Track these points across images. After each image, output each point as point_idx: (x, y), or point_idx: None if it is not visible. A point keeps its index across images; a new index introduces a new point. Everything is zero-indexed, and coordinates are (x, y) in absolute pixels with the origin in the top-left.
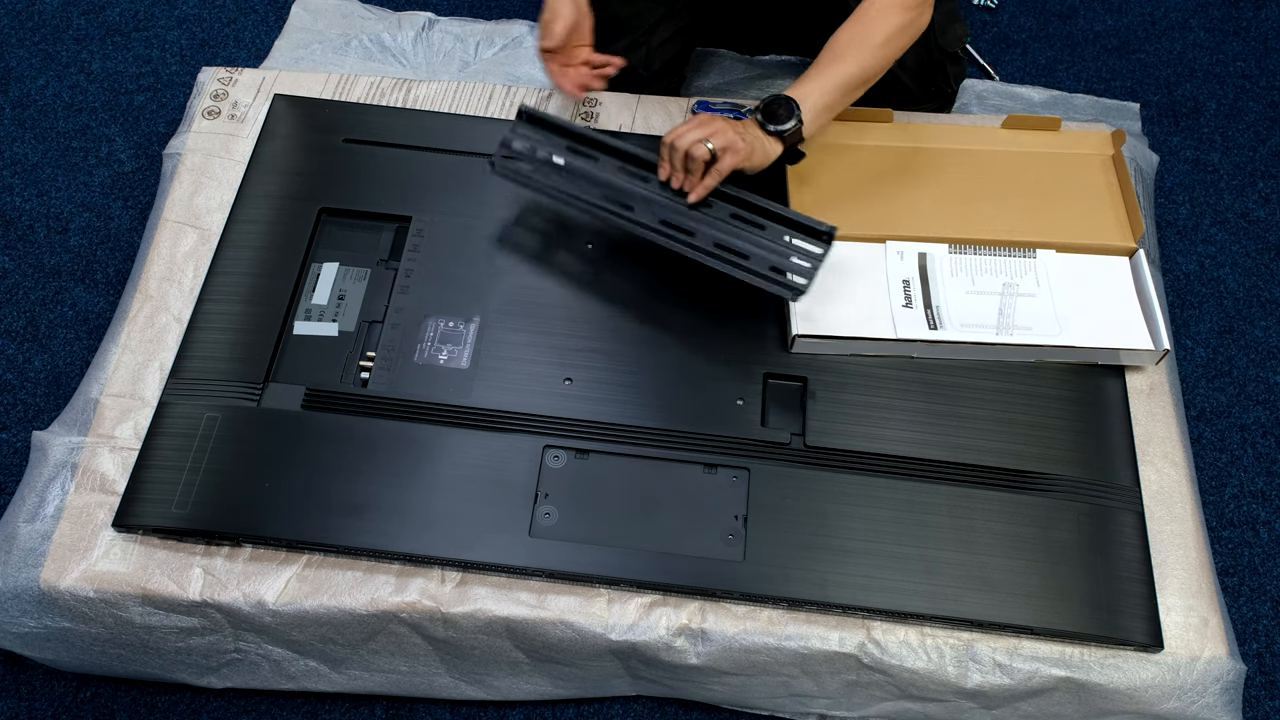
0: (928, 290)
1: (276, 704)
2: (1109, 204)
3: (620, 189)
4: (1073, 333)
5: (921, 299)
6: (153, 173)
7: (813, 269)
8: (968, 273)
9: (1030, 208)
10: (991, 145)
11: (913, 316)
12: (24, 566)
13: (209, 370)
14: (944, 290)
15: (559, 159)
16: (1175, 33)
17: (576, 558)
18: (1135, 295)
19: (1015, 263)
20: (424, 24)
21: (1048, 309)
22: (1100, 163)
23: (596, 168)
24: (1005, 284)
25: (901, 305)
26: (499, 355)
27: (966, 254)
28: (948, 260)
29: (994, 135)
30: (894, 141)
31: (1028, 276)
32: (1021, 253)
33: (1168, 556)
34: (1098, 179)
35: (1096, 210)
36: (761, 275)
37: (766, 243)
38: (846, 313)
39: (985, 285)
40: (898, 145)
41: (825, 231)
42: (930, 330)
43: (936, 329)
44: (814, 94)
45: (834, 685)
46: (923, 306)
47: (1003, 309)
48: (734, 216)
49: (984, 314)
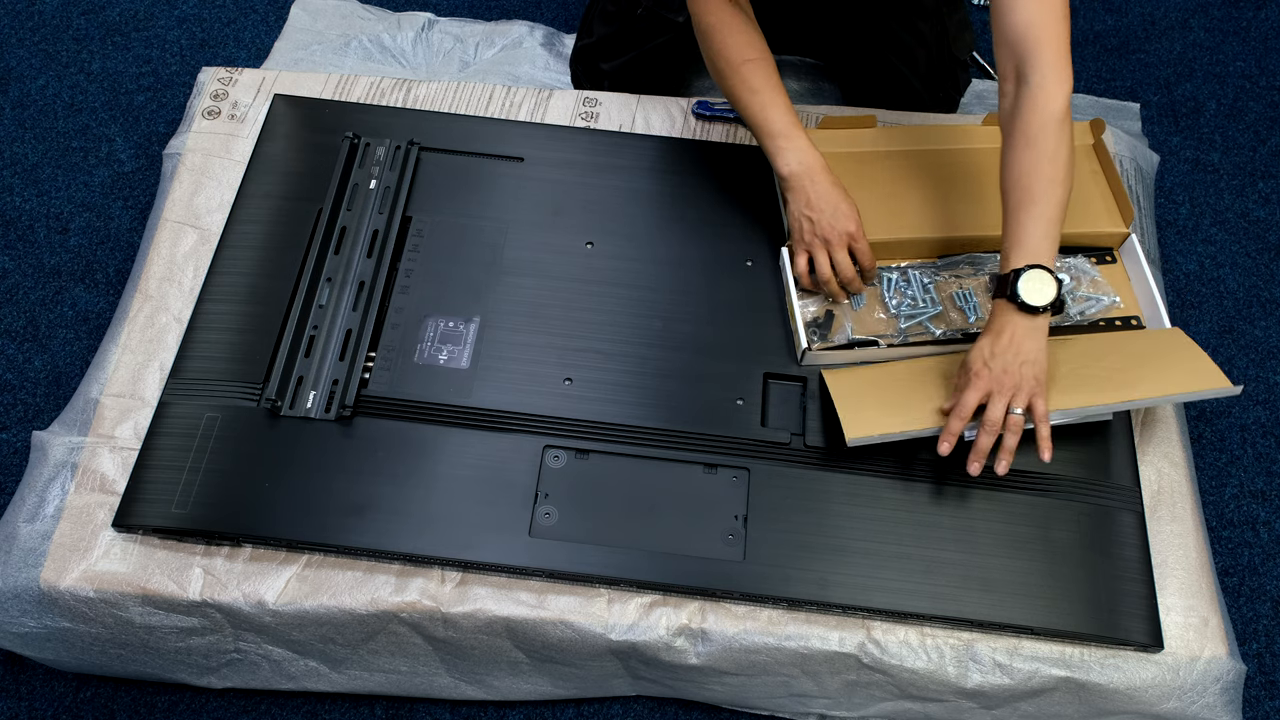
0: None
1: (276, 704)
2: (1096, 192)
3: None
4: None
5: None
6: (153, 173)
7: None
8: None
9: None
10: (974, 143)
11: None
12: (24, 566)
13: (209, 370)
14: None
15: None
16: (1175, 33)
17: (576, 558)
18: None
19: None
20: (424, 24)
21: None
22: (1083, 152)
23: None
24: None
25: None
26: (499, 355)
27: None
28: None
29: (976, 133)
30: (878, 146)
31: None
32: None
33: (1168, 556)
34: (1082, 168)
35: (1084, 199)
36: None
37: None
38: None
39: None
40: (882, 149)
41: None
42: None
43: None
44: (1042, 247)
45: (834, 685)
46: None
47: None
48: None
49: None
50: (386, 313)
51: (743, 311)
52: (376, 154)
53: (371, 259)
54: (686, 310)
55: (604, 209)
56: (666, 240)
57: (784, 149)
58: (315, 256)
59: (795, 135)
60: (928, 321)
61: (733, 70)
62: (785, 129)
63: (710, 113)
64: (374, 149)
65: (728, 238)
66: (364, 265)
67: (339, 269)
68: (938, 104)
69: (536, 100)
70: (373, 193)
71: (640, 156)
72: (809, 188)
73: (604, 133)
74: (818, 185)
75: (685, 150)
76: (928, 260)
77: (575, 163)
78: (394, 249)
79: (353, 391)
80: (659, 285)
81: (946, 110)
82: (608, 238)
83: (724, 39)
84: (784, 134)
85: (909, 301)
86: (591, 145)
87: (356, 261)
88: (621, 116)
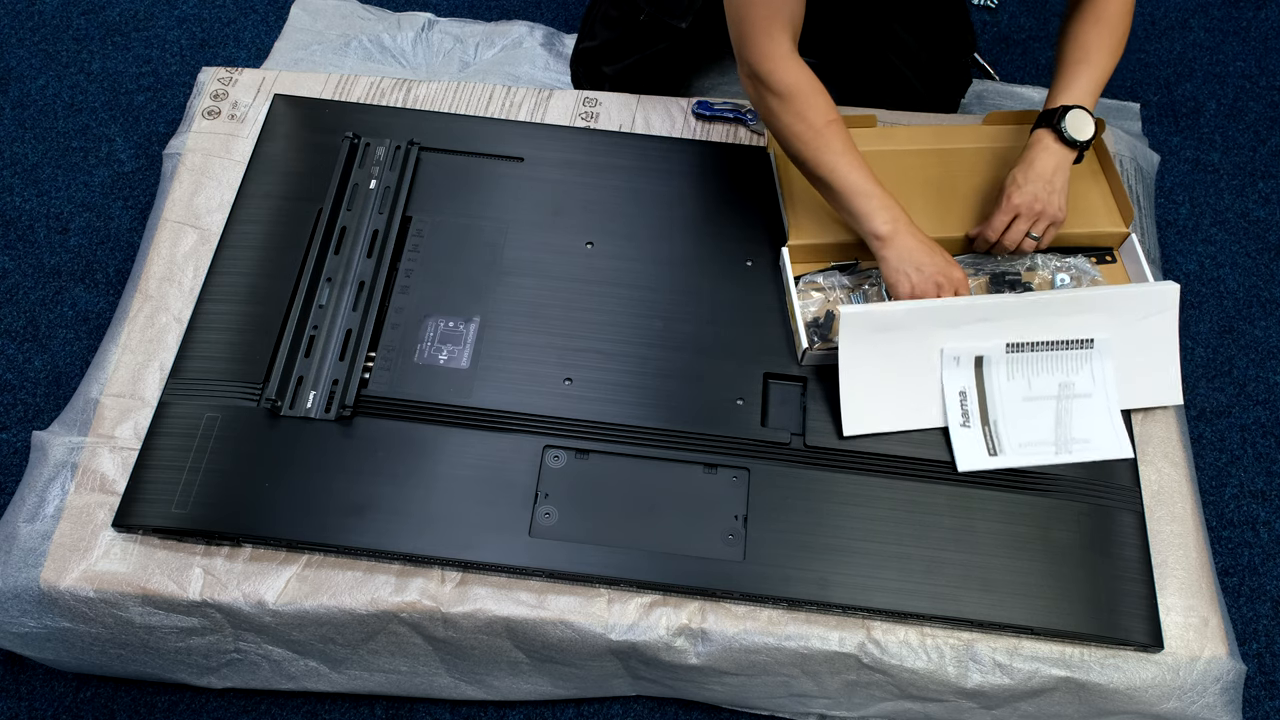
0: (984, 403)
1: (276, 704)
2: (1095, 191)
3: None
4: (1124, 440)
5: (979, 414)
6: (153, 173)
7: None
8: (1024, 374)
9: None
10: (976, 143)
11: (971, 439)
12: (24, 566)
13: (209, 370)
14: (1001, 400)
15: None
16: (1175, 33)
17: (576, 558)
18: (1175, 347)
19: (1071, 357)
20: (424, 25)
21: (1103, 411)
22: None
23: None
24: (1061, 384)
25: (960, 424)
26: (499, 355)
27: (1024, 353)
28: (1004, 363)
29: (976, 133)
30: (879, 145)
31: (1083, 372)
32: (1079, 345)
33: (1168, 556)
34: (1081, 169)
35: (1084, 199)
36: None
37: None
38: (895, 406)
39: (1041, 388)
40: (883, 149)
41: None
42: (990, 457)
43: (996, 455)
44: (1089, 97)
45: (834, 685)
46: (980, 423)
47: (1059, 418)
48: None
49: (1041, 428)
50: (386, 313)
51: (743, 311)
52: (376, 154)
53: (371, 259)
54: (686, 310)
55: (604, 209)
56: (666, 240)
57: (877, 209)
58: (315, 256)
59: (883, 194)
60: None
61: (816, 134)
62: (873, 189)
63: (710, 113)
64: (374, 149)
65: (728, 238)
66: (364, 265)
67: (339, 269)
68: (938, 104)
69: (536, 100)
70: (373, 193)
71: (640, 156)
72: (909, 242)
73: (604, 133)
74: (916, 239)
75: (685, 150)
76: None
77: (575, 163)
78: (394, 249)
79: (353, 391)
80: (659, 285)
81: (947, 110)
82: (608, 238)
83: (808, 101)
84: (873, 194)
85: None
86: (591, 145)
87: (356, 261)
88: (621, 116)
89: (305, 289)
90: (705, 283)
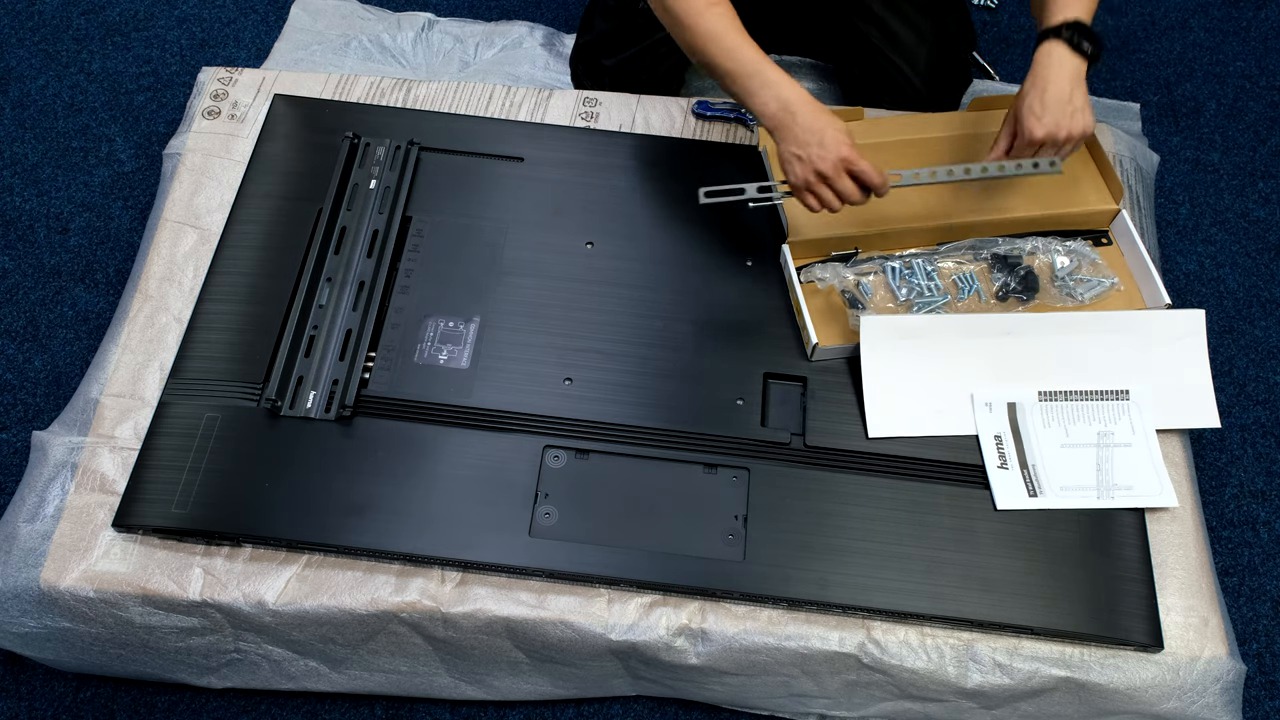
0: (1021, 447)
1: (276, 704)
2: (1084, 172)
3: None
4: (1168, 489)
5: (1016, 457)
6: (153, 173)
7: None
8: (1060, 423)
9: (1010, 184)
10: (961, 130)
11: (1010, 480)
12: (24, 566)
13: (209, 370)
14: (1038, 446)
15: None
16: (1175, 33)
17: (576, 558)
18: (1207, 372)
19: (1108, 408)
20: (424, 25)
21: (1145, 460)
22: None
23: None
24: (1100, 433)
25: (997, 466)
26: (499, 355)
27: (1057, 402)
28: (1039, 410)
29: (963, 119)
30: (868, 138)
31: (1122, 422)
32: (1114, 395)
33: (1168, 556)
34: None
35: (1073, 179)
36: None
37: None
38: (920, 411)
39: (1080, 436)
40: (873, 141)
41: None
42: (1030, 498)
43: (1036, 495)
44: (1087, 14)
45: (834, 685)
46: (1018, 466)
47: (1100, 464)
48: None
49: (1082, 474)
50: (386, 313)
51: (743, 311)
52: (376, 154)
53: (371, 259)
54: (686, 310)
55: (604, 209)
56: (666, 240)
57: (757, 90)
58: (315, 256)
59: (767, 71)
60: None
61: (698, 15)
62: (755, 68)
63: (710, 113)
64: (374, 149)
65: (728, 238)
66: (364, 265)
67: (339, 269)
68: (939, 104)
69: (536, 100)
70: (373, 193)
71: (640, 156)
72: (791, 124)
73: (604, 133)
74: (799, 118)
75: (685, 150)
76: (927, 249)
77: (575, 163)
78: (394, 249)
79: (353, 391)
80: (659, 285)
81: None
82: (608, 238)
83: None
84: (754, 73)
85: (916, 290)
86: (591, 145)
87: (356, 261)
88: (621, 116)
89: (305, 289)
90: (705, 283)
